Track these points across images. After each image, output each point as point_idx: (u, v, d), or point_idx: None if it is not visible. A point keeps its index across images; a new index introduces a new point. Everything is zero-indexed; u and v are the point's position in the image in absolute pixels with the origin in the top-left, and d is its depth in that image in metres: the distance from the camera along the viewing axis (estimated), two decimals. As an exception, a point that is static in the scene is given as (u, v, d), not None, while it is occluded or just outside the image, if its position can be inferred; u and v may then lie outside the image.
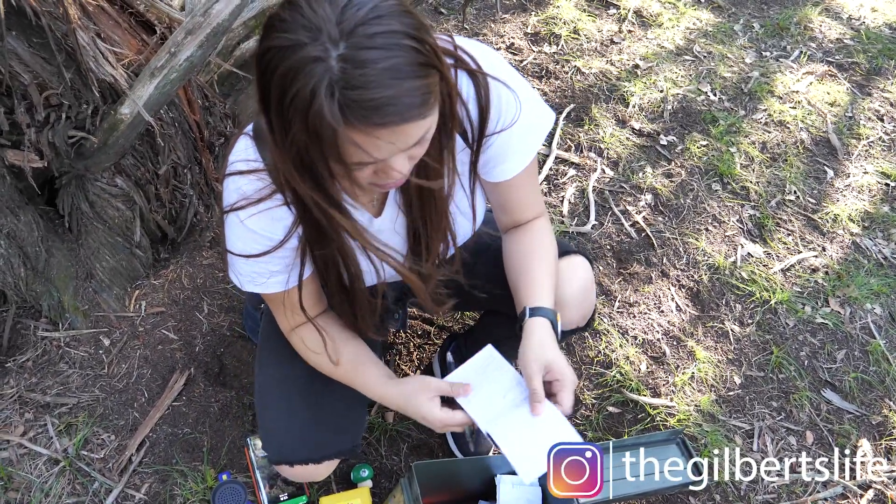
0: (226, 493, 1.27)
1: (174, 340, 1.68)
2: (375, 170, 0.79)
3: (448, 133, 0.86)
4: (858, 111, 2.65)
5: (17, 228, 1.52)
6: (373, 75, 0.67)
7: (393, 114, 0.69)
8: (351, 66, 0.67)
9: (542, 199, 1.15)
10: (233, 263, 1.00)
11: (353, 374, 1.08)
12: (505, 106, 0.96)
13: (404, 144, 0.75)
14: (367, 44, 0.67)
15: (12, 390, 1.55)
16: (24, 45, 1.33)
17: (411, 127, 0.72)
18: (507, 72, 0.97)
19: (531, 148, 1.02)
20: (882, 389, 1.79)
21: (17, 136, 1.42)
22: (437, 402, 0.99)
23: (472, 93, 0.94)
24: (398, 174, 0.79)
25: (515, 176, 1.03)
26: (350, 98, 0.68)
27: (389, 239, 1.06)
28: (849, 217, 2.23)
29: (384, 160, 0.76)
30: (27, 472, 1.44)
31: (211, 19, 1.36)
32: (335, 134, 0.70)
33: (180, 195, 1.72)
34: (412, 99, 0.69)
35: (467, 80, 0.93)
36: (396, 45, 0.68)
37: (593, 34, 2.79)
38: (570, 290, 1.14)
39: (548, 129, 1.03)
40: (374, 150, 0.73)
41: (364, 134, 0.70)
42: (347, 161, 0.75)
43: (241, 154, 0.93)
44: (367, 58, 0.67)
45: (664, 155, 2.35)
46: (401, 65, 0.68)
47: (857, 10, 3.20)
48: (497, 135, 0.97)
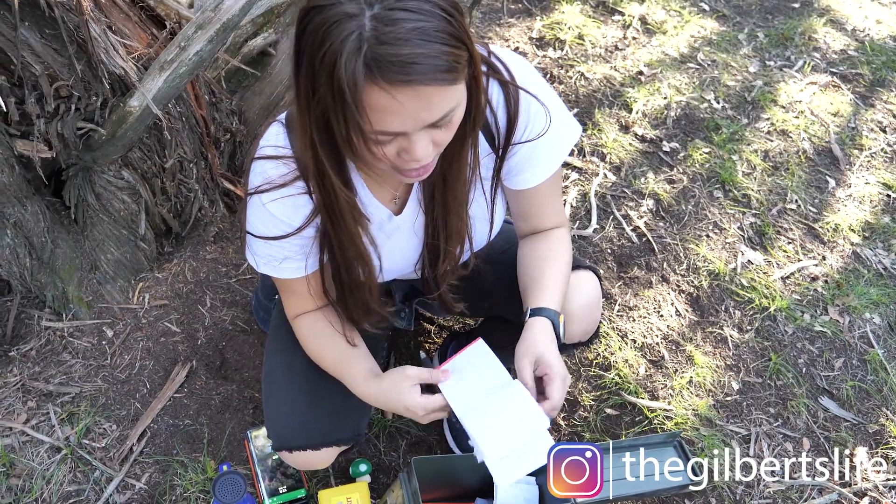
0: (226, 483, 1.28)
1: (176, 333, 1.69)
2: (398, 149, 0.80)
3: (473, 123, 0.87)
4: (861, 122, 2.66)
5: (24, 218, 1.53)
6: (401, 33, 0.69)
7: (416, 73, 0.70)
8: (382, 24, 0.70)
9: (564, 211, 1.15)
10: (250, 244, 1.02)
11: (341, 371, 1.09)
12: (534, 116, 0.97)
13: (426, 115, 0.75)
14: (399, 6, 0.70)
15: (15, 378, 1.56)
16: (37, 36, 1.35)
17: (434, 92, 0.73)
18: (539, 83, 0.98)
19: (556, 159, 1.03)
20: (879, 398, 1.80)
21: (27, 126, 1.43)
22: (417, 389, 0.99)
23: (502, 100, 0.95)
24: (420, 155, 0.79)
25: (538, 185, 1.04)
26: (376, 53, 0.70)
27: (407, 238, 1.07)
28: (849, 227, 2.24)
29: (405, 135, 0.77)
30: (29, 459, 1.45)
31: (221, 14, 1.38)
32: (358, 92, 0.71)
33: (185, 190, 1.74)
34: (437, 62, 0.71)
35: (498, 88, 0.94)
36: (429, 11, 0.71)
37: (598, 40, 2.81)
38: (576, 304, 1.14)
39: (574, 141, 1.04)
40: (396, 114, 0.74)
41: (387, 94, 0.71)
42: (370, 129, 0.75)
43: (272, 140, 0.95)
44: (397, 17, 0.70)
45: (666, 161, 2.36)
46: (430, 29, 0.71)
47: (862, 21, 3.22)
48: (523, 144, 0.98)
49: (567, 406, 1.69)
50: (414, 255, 1.10)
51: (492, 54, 0.94)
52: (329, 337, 1.10)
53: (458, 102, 0.79)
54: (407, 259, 1.10)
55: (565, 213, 1.15)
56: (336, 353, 1.09)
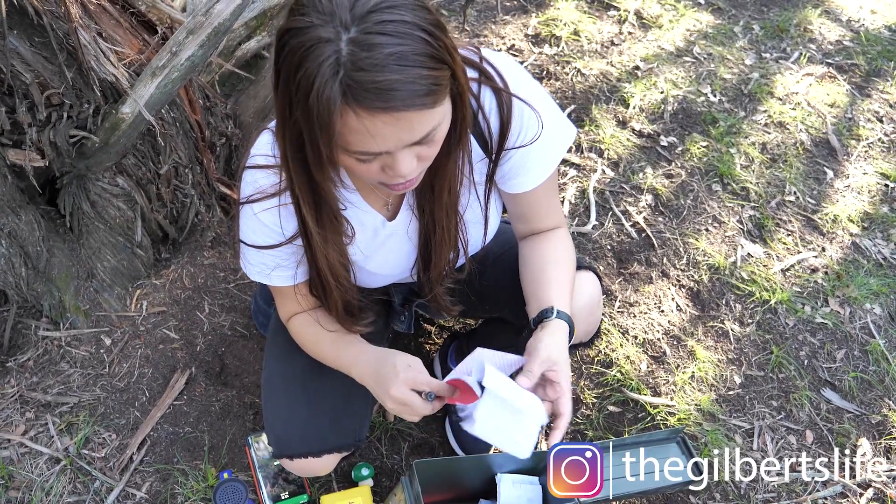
0: (227, 491, 1.28)
1: (175, 340, 1.68)
2: (382, 165, 0.79)
3: (458, 136, 0.86)
4: (858, 112, 2.65)
5: (19, 228, 1.52)
6: (379, 59, 0.68)
7: (394, 99, 0.69)
8: (358, 48, 0.68)
9: (562, 211, 1.14)
10: (243, 252, 1.03)
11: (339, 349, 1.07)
12: (527, 122, 0.96)
13: (408, 137, 0.75)
14: (376, 29, 0.68)
15: (13, 389, 1.55)
16: (26, 44, 1.34)
17: (413, 116, 0.72)
18: (532, 88, 0.97)
19: (551, 163, 1.02)
20: (881, 389, 1.80)
21: (19, 135, 1.42)
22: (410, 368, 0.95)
23: (495, 106, 0.94)
24: (405, 172, 0.79)
25: (534, 189, 1.03)
26: (353, 79, 0.68)
27: (402, 244, 1.06)
28: (848, 217, 2.23)
29: (388, 153, 0.76)
30: (28, 470, 1.44)
31: (212, 19, 1.36)
32: (333, 114, 0.70)
33: (181, 195, 1.73)
34: (415, 86, 0.70)
35: (490, 94, 0.93)
36: (406, 34, 0.69)
37: (594, 36, 2.80)
38: (577, 304, 1.12)
39: (568, 144, 1.03)
40: (377, 138, 0.73)
41: (365, 119, 0.71)
42: (350, 149, 0.75)
43: (262, 148, 0.94)
44: (375, 42, 0.68)
45: (664, 156, 2.36)
46: (408, 53, 0.69)
47: (857, 12, 3.21)
48: (516, 149, 0.97)
49: (569, 404, 1.68)
50: (409, 259, 1.09)
51: (483, 60, 0.93)
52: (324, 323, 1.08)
53: (442, 119, 0.78)
54: (402, 264, 1.10)
55: (563, 214, 1.14)
56: (332, 336, 1.07)
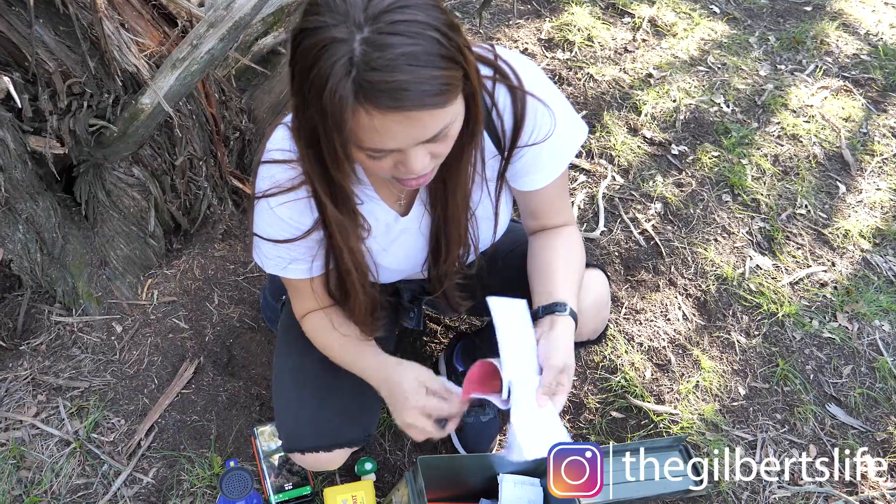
0: (233, 479, 1.29)
1: (185, 329, 1.70)
2: (395, 162, 0.80)
3: (471, 133, 0.87)
4: (873, 127, 2.64)
5: (36, 214, 1.55)
6: (391, 59, 0.69)
7: (406, 99, 0.70)
8: (371, 48, 0.69)
9: (572, 210, 1.15)
10: (258, 246, 1.03)
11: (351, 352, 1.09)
12: (540, 121, 0.97)
13: (420, 135, 0.76)
14: (389, 29, 0.69)
15: (26, 372, 1.58)
16: (51, 33, 1.36)
17: (425, 116, 0.73)
18: (546, 86, 0.98)
19: (562, 161, 1.03)
20: (888, 406, 1.79)
21: (40, 122, 1.45)
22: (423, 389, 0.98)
23: (509, 104, 0.95)
24: (417, 169, 0.80)
25: (545, 186, 1.04)
26: (365, 79, 0.69)
27: (414, 239, 1.07)
28: (859, 233, 2.22)
29: (401, 150, 0.77)
30: (39, 452, 1.46)
31: (233, 13, 1.38)
32: (346, 113, 0.71)
33: (195, 187, 1.75)
34: (427, 86, 0.70)
35: (505, 91, 0.94)
36: (419, 34, 0.70)
37: (607, 42, 2.80)
38: (586, 302, 1.13)
39: (580, 143, 1.04)
40: (389, 136, 0.74)
41: (377, 118, 0.72)
42: (362, 146, 0.76)
43: (278, 143, 0.95)
44: (387, 42, 0.69)
45: (675, 164, 2.36)
46: (420, 53, 0.70)
47: (875, 25, 3.19)
48: (529, 147, 0.98)
49: (572, 409, 1.69)
50: (421, 255, 1.10)
51: (498, 58, 0.93)
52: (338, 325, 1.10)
53: (454, 117, 0.79)
54: (414, 259, 1.11)
55: (573, 212, 1.15)
56: (345, 345, 1.09)
